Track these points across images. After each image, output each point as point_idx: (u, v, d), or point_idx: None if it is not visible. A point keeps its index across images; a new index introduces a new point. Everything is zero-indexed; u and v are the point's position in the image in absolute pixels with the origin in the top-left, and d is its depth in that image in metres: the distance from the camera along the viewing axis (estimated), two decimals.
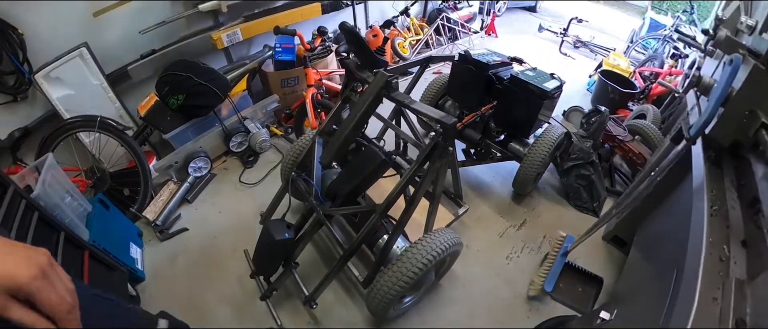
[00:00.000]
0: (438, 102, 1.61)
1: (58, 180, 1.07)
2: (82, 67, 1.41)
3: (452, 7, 2.94)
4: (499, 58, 1.48)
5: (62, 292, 0.29)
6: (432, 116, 0.75)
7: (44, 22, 1.34)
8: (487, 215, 1.46)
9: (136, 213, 1.40)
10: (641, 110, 1.97)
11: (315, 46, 1.61)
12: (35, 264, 0.28)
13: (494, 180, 1.63)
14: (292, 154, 1.15)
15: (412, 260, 0.81)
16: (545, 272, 1.14)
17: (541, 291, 1.09)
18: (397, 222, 0.86)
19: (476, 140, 1.34)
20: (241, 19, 1.71)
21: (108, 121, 1.37)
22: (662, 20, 3.83)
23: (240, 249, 1.20)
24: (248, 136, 1.68)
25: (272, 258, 0.94)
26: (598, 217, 1.50)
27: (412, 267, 0.80)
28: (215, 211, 1.46)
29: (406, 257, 0.81)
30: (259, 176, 1.62)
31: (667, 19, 4.00)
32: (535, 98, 1.26)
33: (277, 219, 0.94)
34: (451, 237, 0.90)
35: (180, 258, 1.26)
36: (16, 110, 1.37)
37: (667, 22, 3.82)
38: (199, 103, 1.53)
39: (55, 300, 0.28)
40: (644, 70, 2.53)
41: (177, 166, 1.55)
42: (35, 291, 0.27)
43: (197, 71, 1.47)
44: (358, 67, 0.94)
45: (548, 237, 1.38)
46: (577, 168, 1.46)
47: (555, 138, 1.33)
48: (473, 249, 1.30)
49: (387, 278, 0.81)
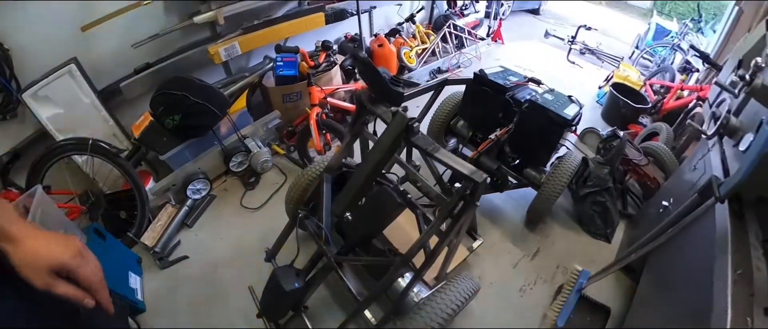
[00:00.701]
0: (450, 122, 1.54)
1: (50, 215, 1.00)
2: (72, 84, 1.32)
3: (459, 13, 2.84)
4: (515, 78, 1.40)
5: (95, 269, 0.37)
6: (461, 171, 0.68)
7: (30, 35, 1.25)
8: (500, 244, 1.42)
9: (133, 238, 1.33)
10: (654, 128, 1.93)
11: (319, 62, 1.52)
12: (73, 246, 0.35)
13: (506, 205, 1.58)
14: (298, 187, 1.08)
15: (432, 315, 0.76)
16: (559, 307, 1.13)
17: (555, 324, 1.08)
18: (416, 272, 0.81)
19: (493, 170, 1.28)
20: (239, 31, 1.61)
21: (100, 143, 1.29)
22: (668, 25, 3.78)
23: (244, 282, 1.14)
24: (249, 155, 1.59)
25: (281, 306, 0.89)
26: (610, 242, 1.47)
27: (432, 321, 0.75)
28: (216, 238, 1.39)
29: (425, 312, 0.76)
30: (261, 199, 1.55)
31: (673, 24, 3.95)
32: (556, 127, 1.20)
33: (286, 266, 0.88)
34: (470, 286, 0.86)
35: (181, 288, 1.21)
36: (5, 128, 1.30)
37: (673, 27, 3.77)
38: (196, 123, 1.44)
39: (90, 275, 0.36)
40: (655, 83, 2.48)
41: (175, 189, 1.47)
42: (76, 267, 0.34)
43: (193, 90, 1.38)
44: (372, 100, 0.87)
45: (561, 267, 1.34)
46: (593, 195, 1.42)
47: (574, 167, 1.28)
48: (486, 282, 1.26)
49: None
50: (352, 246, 0.89)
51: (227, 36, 1.58)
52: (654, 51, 3.41)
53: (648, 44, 3.61)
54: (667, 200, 1.18)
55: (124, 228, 1.34)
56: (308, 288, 0.89)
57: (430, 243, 0.81)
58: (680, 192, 1.16)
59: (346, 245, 0.89)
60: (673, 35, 3.47)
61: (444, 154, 0.72)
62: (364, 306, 0.83)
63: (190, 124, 1.42)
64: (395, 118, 0.73)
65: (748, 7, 2.16)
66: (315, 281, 0.89)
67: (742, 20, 2.20)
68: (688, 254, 0.87)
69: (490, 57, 3.02)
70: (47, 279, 0.32)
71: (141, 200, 1.36)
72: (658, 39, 3.62)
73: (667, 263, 1.03)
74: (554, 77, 2.86)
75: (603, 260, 1.34)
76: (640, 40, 3.85)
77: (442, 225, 0.74)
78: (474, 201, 0.70)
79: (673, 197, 1.19)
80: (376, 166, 0.76)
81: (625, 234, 1.52)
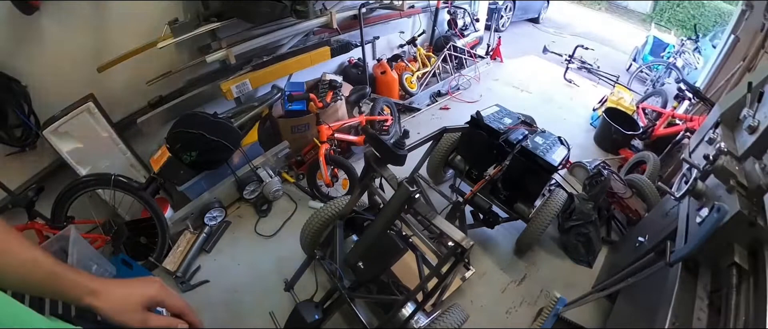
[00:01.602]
0: (448, 158, 1.66)
1: (84, 252, 1.10)
2: (90, 120, 1.41)
3: (459, 34, 2.89)
4: (510, 121, 1.51)
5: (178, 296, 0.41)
6: (452, 237, 0.81)
7: (47, 72, 1.32)
8: (491, 271, 1.55)
9: (155, 263, 1.45)
10: (641, 157, 2.04)
11: (327, 101, 1.61)
12: (156, 282, 0.39)
13: (497, 234, 1.71)
14: (312, 227, 1.21)
15: None
16: (538, 326, 1.28)
17: None
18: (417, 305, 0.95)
19: (486, 209, 1.40)
20: (249, 67, 1.69)
21: (122, 179, 1.38)
22: (666, 38, 3.83)
23: (263, 307, 1.27)
24: (261, 185, 1.71)
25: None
26: (591, 268, 1.61)
27: None
28: (234, 263, 1.51)
29: None
30: (273, 226, 1.67)
31: (671, 37, 4.00)
32: (543, 172, 1.31)
33: (307, 301, 1.02)
34: (461, 317, 1.00)
35: (203, 312, 1.32)
36: (24, 159, 1.38)
37: (671, 40, 3.82)
38: (212, 158, 1.54)
39: (179, 303, 0.40)
40: (647, 107, 2.58)
41: (193, 217, 1.59)
42: (166, 298, 0.38)
43: (209, 127, 1.47)
44: (378, 161, 0.98)
45: (544, 291, 1.49)
46: (577, 228, 1.55)
47: (560, 204, 1.41)
48: (477, 306, 1.41)
49: None
50: (363, 282, 1.02)
51: (237, 73, 1.66)
52: (652, 67, 3.48)
53: (645, 60, 3.68)
54: (643, 236, 1.31)
55: (144, 254, 1.45)
56: (326, 318, 1.03)
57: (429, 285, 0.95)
58: (654, 232, 1.28)
59: (357, 281, 1.02)
60: (670, 49, 3.53)
61: (440, 221, 0.85)
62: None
63: (206, 159, 1.52)
64: (400, 189, 0.84)
65: (745, 36, 2.13)
66: (331, 311, 1.03)
67: (738, 49, 2.17)
68: (644, 295, 1.01)
69: (489, 77, 3.09)
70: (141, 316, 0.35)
71: (161, 228, 1.47)
72: (656, 52, 3.68)
73: (631, 296, 1.18)
74: (551, 98, 2.96)
75: (583, 283, 1.50)
76: (638, 53, 3.91)
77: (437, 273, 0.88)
78: (462, 260, 0.83)
79: (648, 234, 1.32)
80: (384, 227, 0.88)
81: (606, 259, 1.66)
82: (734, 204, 0.80)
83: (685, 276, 0.88)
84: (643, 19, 6.38)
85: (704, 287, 0.85)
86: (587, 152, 2.36)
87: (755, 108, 1.08)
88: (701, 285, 0.86)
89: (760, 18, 1.96)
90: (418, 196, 0.83)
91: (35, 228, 1.31)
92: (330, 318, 1.04)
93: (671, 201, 1.31)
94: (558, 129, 1.63)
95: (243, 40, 1.60)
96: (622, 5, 6.88)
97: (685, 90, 2.26)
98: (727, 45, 2.27)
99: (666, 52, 3.54)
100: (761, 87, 1.14)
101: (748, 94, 1.13)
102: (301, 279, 1.25)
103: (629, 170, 2.05)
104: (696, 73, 3.05)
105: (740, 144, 1.10)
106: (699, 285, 0.86)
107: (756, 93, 1.11)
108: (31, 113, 1.32)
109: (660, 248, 0.95)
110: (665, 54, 3.53)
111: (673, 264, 0.87)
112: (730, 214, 0.79)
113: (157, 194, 1.64)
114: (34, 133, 1.33)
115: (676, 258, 0.85)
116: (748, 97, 1.12)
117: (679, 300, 0.82)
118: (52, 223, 1.32)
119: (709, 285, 0.86)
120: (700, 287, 0.85)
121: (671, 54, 3.41)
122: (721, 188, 0.90)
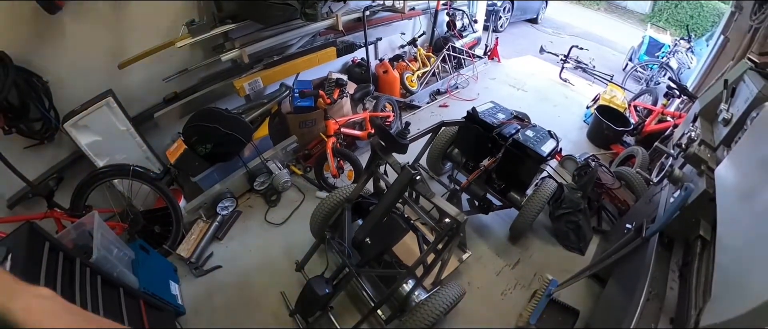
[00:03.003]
0: (447, 150, 1.76)
1: (106, 237, 1.16)
2: (109, 114, 1.47)
3: (458, 35, 3.00)
4: (503, 116, 1.62)
5: None
6: (448, 212, 0.91)
7: (68, 68, 1.38)
8: (487, 255, 1.65)
9: (169, 250, 1.54)
10: (631, 151, 2.14)
11: (334, 98, 1.72)
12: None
13: (493, 222, 1.81)
14: (321, 212, 1.31)
15: (428, 312, 1.00)
16: (532, 308, 1.38)
17: (528, 323, 1.33)
18: (417, 280, 1.05)
19: (480, 196, 1.51)
20: (260, 66, 1.79)
21: (139, 170, 1.45)
22: (661, 38, 3.91)
23: (273, 289, 1.36)
24: (271, 176, 1.81)
25: (313, 306, 1.13)
26: (583, 255, 1.71)
27: (427, 318, 0.99)
28: (245, 250, 1.61)
29: (423, 310, 1.00)
30: (282, 215, 1.76)
31: (667, 37, 4.09)
32: (533, 162, 1.42)
33: (318, 276, 1.12)
34: (457, 292, 1.10)
35: (216, 294, 1.41)
36: (43, 152, 1.44)
37: (667, 40, 3.91)
38: (225, 150, 1.65)
39: None
40: (639, 105, 2.67)
41: (206, 206, 1.69)
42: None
43: (223, 121, 1.58)
44: (383, 149, 1.09)
45: (538, 275, 1.58)
46: (567, 216, 1.65)
47: (549, 192, 1.50)
48: (474, 287, 1.50)
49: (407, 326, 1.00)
50: (368, 259, 1.13)
51: (250, 71, 1.77)
52: (647, 66, 3.56)
53: (640, 59, 3.76)
54: (630, 223, 1.41)
55: (158, 241, 1.54)
56: (335, 293, 1.13)
57: (428, 259, 1.05)
58: (640, 219, 1.39)
59: (363, 259, 1.12)
60: (665, 49, 3.62)
61: (438, 200, 0.95)
62: (377, 307, 1.07)
63: (220, 151, 1.62)
64: (403, 173, 0.95)
65: (734, 36, 2.19)
66: (339, 287, 1.13)
67: (728, 49, 2.23)
68: (629, 277, 1.10)
69: (487, 76, 3.20)
70: None
71: (176, 217, 1.56)
72: (651, 52, 3.76)
73: (619, 276, 1.28)
74: (546, 97, 3.06)
75: (575, 270, 1.55)
76: (634, 53, 4.00)
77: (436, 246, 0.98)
78: (457, 234, 0.93)
79: (635, 221, 1.42)
80: (388, 206, 0.99)
81: (598, 247, 1.75)
82: (702, 185, 0.91)
83: (662, 253, 0.98)
84: (641, 20, 6.42)
85: (676, 262, 0.96)
86: (580, 148, 2.45)
87: (729, 103, 1.19)
88: (674, 260, 0.97)
89: (747, 20, 2.04)
90: (419, 178, 0.94)
91: (54, 216, 1.34)
92: (339, 292, 1.14)
93: (655, 190, 1.42)
94: (552, 126, 1.71)
95: (255, 40, 1.70)
96: (621, 5, 6.93)
97: (673, 88, 2.35)
98: (717, 45, 2.34)
99: (661, 52, 3.63)
100: (736, 84, 1.25)
101: (724, 91, 1.24)
102: (310, 261, 1.35)
103: (620, 164, 2.15)
104: (690, 72, 3.13)
105: (717, 135, 1.20)
106: (672, 260, 0.97)
107: (730, 89, 1.22)
108: (52, 107, 1.37)
109: (638, 226, 1.05)
110: (660, 54, 3.62)
111: (648, 238, 0.97)
112: (696, 193, 0.90)
113: (171, 185, 1.74)
114: (53, 127, 1.39)
115: (650, 233, 0.95)
116: (724, 93, 1.23)
117: (655, 273, 0.92)
118: (71, 212, 1.38)
119: (680, 259, 0.97)
120: (673, 262, 0.96)
121: (665, 54, 3.49)
122: (695, 174, 1.01)
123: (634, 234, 1.08)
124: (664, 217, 0.93)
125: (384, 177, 1.19)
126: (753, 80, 1.12)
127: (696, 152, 0.98)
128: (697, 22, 5.98)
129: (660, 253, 0.98)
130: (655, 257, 0.96)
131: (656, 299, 0.88)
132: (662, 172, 1.18)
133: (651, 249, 0.99)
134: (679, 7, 6.25)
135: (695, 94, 2.19)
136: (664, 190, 1.25)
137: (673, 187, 1.15)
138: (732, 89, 1.22)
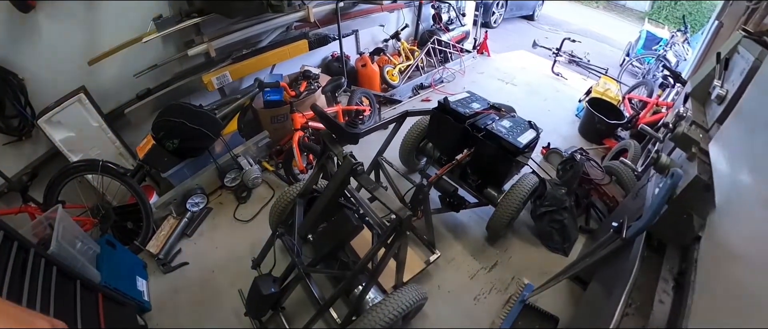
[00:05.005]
0: (419, 144, 1.68)
1: (69, 230, 1.16)
2: (82, 110, 1.50)
3: (444, 28, 2.94)
4: (478, 106, 1.53)
5: None
6: (390, 208, 0.84)
7: (42, 66, 1.41)
8: (460, 256, 1.56)
9: (139, 246, 1.52)
10: (624, 145, 2.01)
11: (300, 91, 1.67)
12: None
13: (470, 221, 1.71)
14: (278, 207, 1.25)
15: (381, 315, 0.92)
16: (506, 314, 1.28)
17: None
18: (368, 279, 0.98)
19: (450, 192, 1.42)
20: (229, 60, 1.77)
21: (109, 165, 1.46)
22: (659, 33, 3.77)
23: (236, 285, 1.31)
24: (241, 172, 1.77)
25: (261, 306, 1.07)
26: (567, 256, 1.59)
27: (380, 321, 0.92)
28: (212, 247, 1.58)
29: (375, 312, 0.93)
30: (251, 212, 1.73)
31: (664, 32, 3.93)
32: (508, 154, 1.32)
33: (265, 275, 1.06)
34: (415, 294, 1.02)
35: (182, 291, 1.39)
36: (21, 148, 1.48)
37: (664, 34, 3.76)
38: (193, 146, 1.61)
39: None
40: (633, 97, 2.54)
41: (176, 202, 1.67)
42: None
43: (190, 116, 1.55)
44: (332, 140, 1.03)
45: (516, 278, 1.48)
46: (550, 214, 1.54)
47: (528, 188, 1.40)
48: (444, 291, 1.41)
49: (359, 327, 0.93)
50: (321, 258, 1.06)
51: (219, 66, 1.75)
52: (644, 60, 3.43)
53: (638, 53, 3.62)
54: (617, 221, 1.29)
55: (131, 237, 1.53)
56: (284, 293, 1.07)
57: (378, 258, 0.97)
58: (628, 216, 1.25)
59: (316, 258, 1.06)
60: (663, 43, 3.47)
61: (380, 194, 0.88)
62: (325, 308, 1.00)
63: (188, 146, 1.59)
64: (344, 163, 0.88)
65: (728, 21, 2.15)
66: (289, 287, 1.07)
67: (721, 34, 2.18)
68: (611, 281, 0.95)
69: (475, 70, 3.11)
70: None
71: (146, 213, 1.55)
72: (648, 47, 3.63)
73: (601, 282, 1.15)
74: (536, 91, 2.95)
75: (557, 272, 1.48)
76: (631, 48, 3.86)
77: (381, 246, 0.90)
78: (404, 231, 0.85)
79: (621, 219, 1.29)
80: (331, 198, 0.92)
81: (584, 247, 1.63)
82: (693, 170, 0.75)
83: (650, 257, 0.82)
84: (640, 17, 6.28)
85: (670, 269, 0.79)
86: (571, 143, 2.33)
87: (723, 78, 1.06)
88: (667, 266, 0.79)
89: (744, 3, 1.92)
90: (359, 168, 0.87)
91: (28, 211, 1.39)
92: (288, 294, 1.08)
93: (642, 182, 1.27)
94: (542, 120, 1.63)
95: (223, 34, 1.68)
96: (620, 4, 6.78)
97: (667, 75, 2.22)
98: (711, 30, 2.26)
99: (658, 46, 3.49)
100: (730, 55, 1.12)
101: (717, 66, 1.11)
102: (270, 257, 1.29)
103: (613, 159, 2.02)
104: (686, 64, 2.98)
105: (710, 116, 1.06)
106: (664, 267, 0.79)
107: (724, 62, 1.09)
108: (28, 104, 1.41)
109: (618, 226, 0.92)
110: (657, 47, 3.48)
111: (629, 238, 0.84)
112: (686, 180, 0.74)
113: (143, 181, 1.72)
114: (30, 123, 1.42)
115: (632, 233, 0.82)
116: (717, 68, 1.10)
117: (639, 282, 0.77)
118: (44, 207, 1.41)
119: (676, 267, 0.79)
120: (666, 269, 0.79)
121: (663, 47, 3.35)
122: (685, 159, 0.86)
123: (613, 234, 0.95)
124: (648, 212, 0.77)
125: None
126: (748, 49, 0.98)
127: (685, 132, 0.83)
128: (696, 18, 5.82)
129: (648, 258, 0.82)
130: (639, 262, 0.80)
131: (639, 314, 0.74)
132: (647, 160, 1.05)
133: (635, 252, 0.84)
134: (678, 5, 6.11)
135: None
136: (651, 182, 1.12)
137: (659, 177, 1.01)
138: (725, 61, 1.09)
